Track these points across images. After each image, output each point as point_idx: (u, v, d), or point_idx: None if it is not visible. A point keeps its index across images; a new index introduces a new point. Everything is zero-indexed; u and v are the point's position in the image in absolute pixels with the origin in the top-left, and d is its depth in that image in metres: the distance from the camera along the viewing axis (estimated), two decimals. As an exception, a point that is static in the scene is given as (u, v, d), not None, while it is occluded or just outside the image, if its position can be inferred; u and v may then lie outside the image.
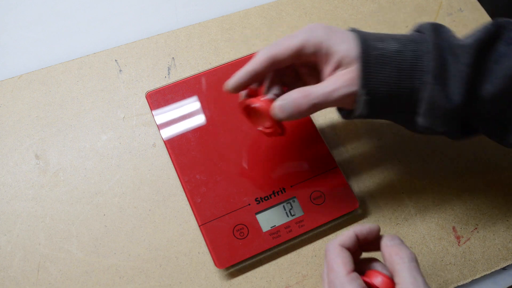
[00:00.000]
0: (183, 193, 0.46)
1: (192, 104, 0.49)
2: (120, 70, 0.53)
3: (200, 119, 0.49)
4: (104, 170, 0.48)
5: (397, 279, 0.33)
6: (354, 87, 0.36)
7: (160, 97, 0.50)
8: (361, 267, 0.37)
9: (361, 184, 0.48)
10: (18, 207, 0.46)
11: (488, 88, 0.35)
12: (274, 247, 0.44)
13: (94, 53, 0.54)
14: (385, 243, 0.35)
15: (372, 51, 0.35)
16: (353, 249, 0.36)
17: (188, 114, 0.49)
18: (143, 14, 0.58)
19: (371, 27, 0.56)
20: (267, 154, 0.47)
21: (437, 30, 0.37)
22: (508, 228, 0.47)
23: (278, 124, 0.40)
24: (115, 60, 0.53)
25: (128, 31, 0.56)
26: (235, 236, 0.44)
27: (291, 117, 0.37)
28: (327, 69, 0.37)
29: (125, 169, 0.48)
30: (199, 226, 0.44)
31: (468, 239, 0.46)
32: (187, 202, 0.46)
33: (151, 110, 0.49)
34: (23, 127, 0.49)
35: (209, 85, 0.50)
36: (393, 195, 0.48)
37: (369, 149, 0.50)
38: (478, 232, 0.46)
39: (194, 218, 0.45)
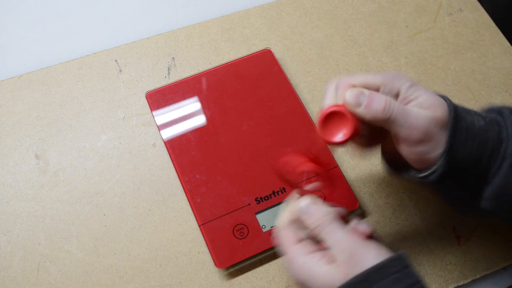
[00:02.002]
0: (183, 193, 0.46)
1: (192, 104, 0.49)
2: (120, 70, 0.53)
3: (200, 119, 0.49)
4: (104, 170, 0.48)
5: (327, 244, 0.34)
6: (431, 135, 0.33)
7: (160, 97, 0.50)
8: None
9: (361, 184, 0.48)
10: (18, 207, 0.46)
11: None
12: (274, 247, 0.44)
13: (94, 53, 0.54)
14: (302, 217, 0.36)
15: (460, 122, 0.34)
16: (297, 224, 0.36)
17: (188, 114, 0.49)
18: (143, 14, 0.58)
19: (371, 27, 0.56)
20: (267, 154, 0.47)
21: None
22: (508, 228, 0.47)
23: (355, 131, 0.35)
24: (115, 60, 0.53)
25: (128, 31, 0.56)
26: (235, 236, 0.43)
27: (358, 109, 0.34)
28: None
29: (125, 169, 0.48)
30: (199, 226, 0.44)
31: (468, 239, 0.46)
32: (187, 202, 0.46)
33: (151, 110, 0.49)
34: (23, 127, 0.49)
35: (209, 85, 0.50)
36: (393, 195, 0.47)
37: (369, 149, 0.50)
38: (478, 232, 0.46)
39: (194, 218, 0.45)
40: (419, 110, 0.33)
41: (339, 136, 0.35)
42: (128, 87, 0.52)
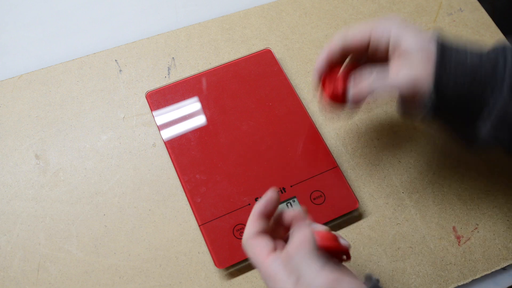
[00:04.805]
0: (183, 193, 0.46)
1: (192, 104, 0.49)
2: (120, 70, 0.53)
3: (200, 119, 0.49)
4: (104, 170, 0.48)
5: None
6: (419, 85, 0.36)
7: (160, 97, 0.50)
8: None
9: (361, 184, 0.48)
10: (18, 207, 0.46)
11: None
12: (274, 247, 0.44)
13: (94, 53, 0.54)
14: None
15: (450, 52, 0.35)
16: (267, 229, 0.34)
17: (188, 114, 0.49)
18: (143, 14, 0.58)
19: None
20: (267, 154, 0.47)
21: None
22: (508, 228, 0.47)
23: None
24: (115, 60, 0.53)
25: (128, 31, 0.56)
26: (235, 236, 0.43)
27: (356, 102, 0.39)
28: (393, 59, 0.38)
29: (125, 169, 0.48)
30: (199, 226, 0.44)
31: (468, 239, 0.46)
32: (187, 202, 0.46)
33: (151, 110, 0.49)
34: (23, 127, 0.49)
35: (209, 85, 0.50)
36: (393, 195, 0.47)
37: (369, 149, 0.50)
38: (478, 232, 0.46)
39: (194, 218, 0.45)
40: (397, 75, 0.37)
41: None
42: (128, 87, 0.52)
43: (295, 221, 0.35)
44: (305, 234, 0.32)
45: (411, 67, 0.36)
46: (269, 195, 0.35)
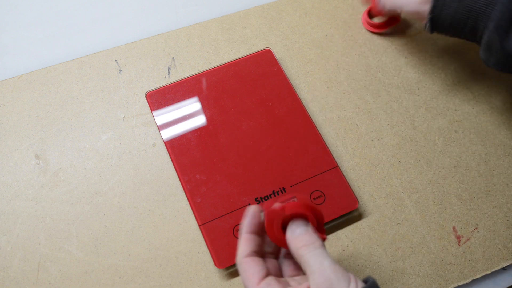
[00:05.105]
0: (183, 193, 0.46)
1: (192, 104, 0.49)
2: (120, 70, 0.53)
3: (200, 119, 0.49)
4: (104, 170, 0.48)
5: (307, 272, 0.31)
6: (422, 8, 0.46)
7: (160, 97, 0.50)
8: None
9: (361, 184, 0.48)
10: (18, 207, 0.46)
11: None
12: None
13: (94, 53, 0.54)
14: (288, 237, 0.33)
15: None
16: (259, 251, 0.34)
17: (188, 114, 0.49)
18: (143, 14, 0.58)
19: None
20: (267, 154, 0.47)
21: None
22: (508, 228, 0.47)
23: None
24: (115, 60, 0.53)
25: (128, 31, 0.56)
26: (235, 236, 0.43)
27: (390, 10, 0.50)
28: None
29: (125, 169, 0.48)
30: (199, 226, 0.44)
31: (468, 239, 0.46)
32: (187, 202, 0.46)
33: (151, 110, 0.49)
34: (23, 127, 0.49)
35: (209, 85, 0.50)
36: (393, 195, 0.47)
37: (369, 149, 0.50)
38: (478, 232, 0.46)
39: (194, 218, 0.45)
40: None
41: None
42: (128, 87, 0.52)
43: (304, 248, 0.32)
44: (325, 277, 0.30)
45: None
46: (250, 210, 0.34)
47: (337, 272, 0.31)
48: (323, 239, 0.33)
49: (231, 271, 0.44)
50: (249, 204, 0.45)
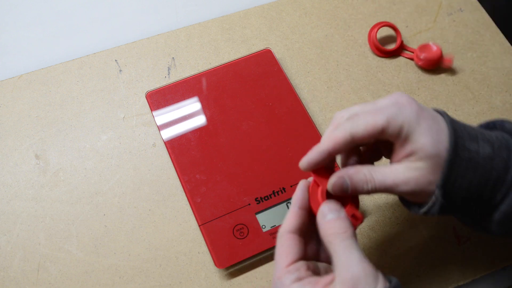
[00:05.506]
0: (183, 193, 0.46)
1: (192, 104, 0.49)
2: (120, 70, 0.53)
3: (200, 119, 0.49)
4: (104, 170, 0.48)
5: (333, 262, 0.30)
6: (420, 187, 0.32)
7: (160, 97, 0.50)
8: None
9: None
10: (18, 207, 0.46)
11: None
12: (274, 247, 0.44)
13: (94, 53, 0.54)
14: (318, 221, 0.31)
15: (462, 152, 0.31)
16: (305, 227, 0.32)
17: (188, 114, 0.49)
18: (143, 14, 0.58)
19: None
20: (267, 154, 0.47)
21: None
22: (508, 228, 0.47)
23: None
24: (115, 60, 0.53)
25: (128, 31, 0.56)
26: (235, 236, 0.43)
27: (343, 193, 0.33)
28: (397, 151, 0.33)
29: (125, 169, 0.48)
30: (199, 226, 0.44)
31: (469, 239, 0.46)
32: (187, 202, 0.46)
33: (151, 110, 0.49)
34: (23, 127, 0.49)
35: (209, 85, 0.50)
36: (393, 195, 0.47)
37: (369, 149, 0.50)
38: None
39: (194, 218, 0.45)
40: (403, 171, 0.32)
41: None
42: (128, 87, 0.52)
43: (333, 236, 0.30)
44: (352, 273, 0.28)
45: (417, 170, 0.32)
46: (302, 183, 0.33)
47: (366, 269, 0.28)
48: (359, 221, 0.32)
49: (231, 271, 0.44)
50: (249, 204, 0.45)
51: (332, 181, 0.33)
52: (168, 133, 0.48)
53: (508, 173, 0.31)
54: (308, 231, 0.34)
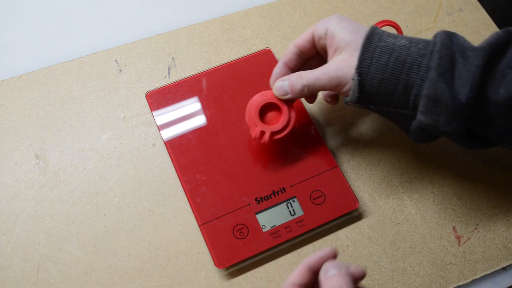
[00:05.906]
0: (183, 193, 0.46)
1: (192, 104, 0.49)
2: (120, 70, 0.53)
3: (200, 119, 0.49)
4: (104, 170, 0.48)
5: None
6: (342, 72, 0.38)
7: (160, 97, 0.50)
8: None
9: (361, 184, 0.48)
10: (18, 207, 0.46)
11: (502, 92, 0.34)
12: (274, 247, 0.44)
13: (94, 53, 0.54)
14: (320, 277, 0.33)
15: (378, 41, 0.37)
16: (309, 284, 0.33)
17: (188, 114, 0.49)
18: (143, 14, 0.58)
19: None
20: (267, 154, 0.47)
21: (450, 35, 0.37)
22: (508, 228, 0.47)
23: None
24: (115, 60, 0.53)
25: (128, 31, 0.56)
26: (235, 236, 0.44)
27: (287, 96, 0.41)
28: (329, 53, 0.40)
29: (125, 169, 0.48)
30: (199, 226, 0.44)
31: (468, 239, 0.46)
32: (187, 202, 0.46)
33: (151, 110, 0.49)
34: (23, 127, 0.49)
35: (209, 85, 0.50)
36: (393, 195, 0.48)
37: (369, 149, 0.50)
38: (478, 232, 0.46)
39: (194, 218, 0.45)
40: (327, 65, 0.39)
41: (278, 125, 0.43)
42: (128, 87, 0.52)
43: (324, 265, 0.32)
44: (338, 284, 0.30)
45: (340, 59, 0.38)
46: (327, 251, 0.33)
47: None
48: (264, 141, 0.42)
49: (231, 271, 0.44)
50: (249, 204, 0.45)
51: (276, 84, 0.42)
52: (168, 133, 0.48)
53: (424, 59, 0.36)
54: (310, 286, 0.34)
